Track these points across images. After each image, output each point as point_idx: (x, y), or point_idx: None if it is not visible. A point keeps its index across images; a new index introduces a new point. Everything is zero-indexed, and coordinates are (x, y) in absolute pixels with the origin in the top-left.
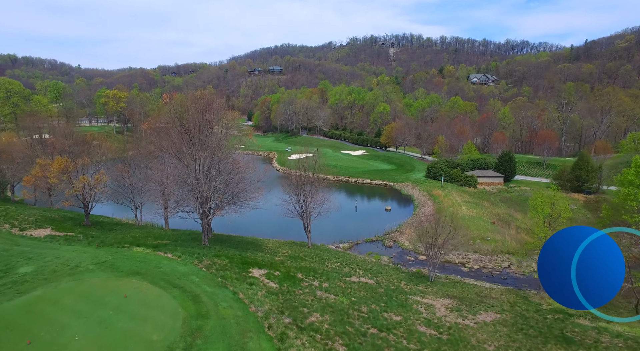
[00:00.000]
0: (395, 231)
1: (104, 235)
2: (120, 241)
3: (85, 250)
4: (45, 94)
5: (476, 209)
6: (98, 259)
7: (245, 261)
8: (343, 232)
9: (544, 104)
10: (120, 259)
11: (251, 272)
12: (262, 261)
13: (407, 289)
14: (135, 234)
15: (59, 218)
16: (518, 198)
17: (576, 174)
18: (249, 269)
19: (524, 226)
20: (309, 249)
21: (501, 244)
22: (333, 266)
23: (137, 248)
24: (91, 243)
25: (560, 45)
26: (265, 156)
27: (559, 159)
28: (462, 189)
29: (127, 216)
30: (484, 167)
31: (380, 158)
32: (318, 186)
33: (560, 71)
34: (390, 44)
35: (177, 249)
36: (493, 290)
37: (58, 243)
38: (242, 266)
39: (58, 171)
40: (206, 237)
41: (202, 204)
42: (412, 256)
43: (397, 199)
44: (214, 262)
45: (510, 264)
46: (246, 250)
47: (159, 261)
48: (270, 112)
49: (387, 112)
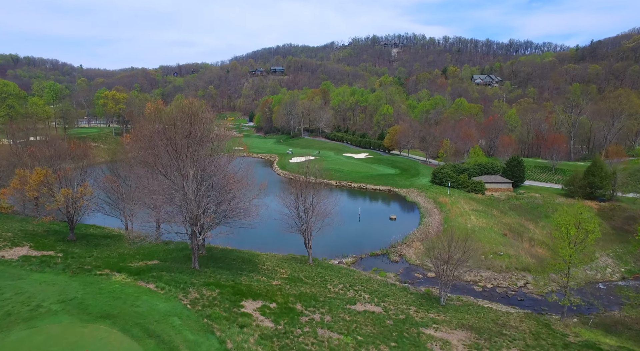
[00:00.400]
0: (402, 244)
1: (87, 253)
2: (102, 264)
3: (56, 280)
4: (41, 96)
5: (485, 218)
6: (66, 295)
7: (237, 290)
8: (346, 243)
9: (551, 106)
10: (93, 294)
11: (244, 306)
12: (257, 289)
13: (417, 318)
14: (123, 251)
15: (42, 232)
16: (528, 206)
17: (589, 180)
18: (242, 302)
19: (538, 237)
20: (309, 267)
21: (515, 260)
22: (336, 290)
23: (116, 276)
24: (66, 269)
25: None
26: (266, 159)
27: (568, 163)
28: (469, 196)
29: (119, 224)
30: (492, 173)
31: (383, 162)
32: (319, 198)
33: (565, 71)
34: (392, 44)
35: (162, 277)
36: (511, 316)
37: (30, 269)
38: (233, 298)
39: (37, 183)
40: (196, 260)
41: (191, 224)
42: (420, 273)
43: (402, 207)
44: (201, 294)
45: (526, 282)
46: (241, 272)
47: (137, 296)
48: (271, 113)
49: (391, 114)
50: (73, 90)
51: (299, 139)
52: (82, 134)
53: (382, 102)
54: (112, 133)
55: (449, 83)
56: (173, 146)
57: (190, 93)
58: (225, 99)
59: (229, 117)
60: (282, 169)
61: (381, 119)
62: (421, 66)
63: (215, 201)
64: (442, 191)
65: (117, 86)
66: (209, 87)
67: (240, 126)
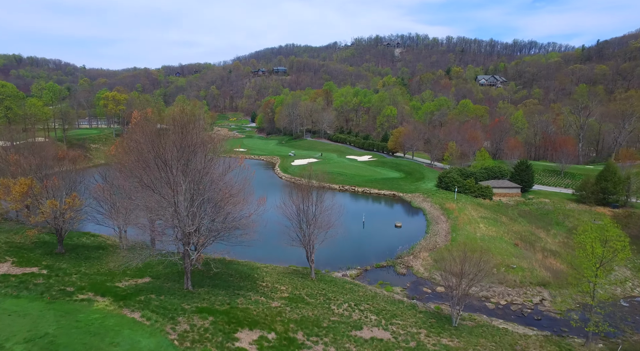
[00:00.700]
0: (408, 255)
1: (75, 268)
2: (86, 285)
3: (29, 309)
4: (40, 97)
5: (495, 226)
6: (37, 330)
7: (233, 317)
8: (350, 253)
9: (559, 107)
10: (67, 329)
11: (239, 338)
12: (255, 314)
13: (430, 344)
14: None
15: (29, 244)
16: (538, 212)
17: (601, 185)
18: (237, 334)
19: (550, 247)
20: (312, 282)
21: (530, 274)
22: (340, 311)
23: (99, 302)
24: (45, 293)
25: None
26: (268, 161)
27: (578, 167)
28: (476, 202)
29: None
30: (499, 177)
31: (387, 165)
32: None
33: (571, 72)
34: (395, 45)
35: (150, 302)
36: (529, 339)
37: (4, 292)
38: (228, 328)
39: (21, 194)
40: (189, 280)
41: (183, 243)
42: (428, 287)
43: (408, 213)
44: (192, 325)
45: (542, 299)
46: (238, 291)
47: (118, 330)
48: (273, 114)
49: (394, 116)
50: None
51: (302, 140)
52: (82, 135)
53: (386, 104)
54: (113, 134)
55: (453, 84)
56: (162, 159)
57: (192, 93)
58: (228, 100)
59: (231, 118)
60: (284, 172)
61: (385, 121)
62: (424, 66)
63: (210, 218)
64: (449, 196)
65: (118, 87)
66: (211, 88)
67: (242, 126)
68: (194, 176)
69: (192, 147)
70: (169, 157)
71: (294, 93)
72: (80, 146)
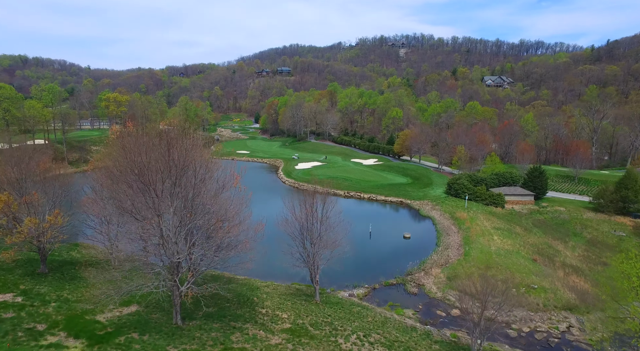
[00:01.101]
0: (419, 271)
1: (55, 293)
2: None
3: None
4: (40, 99)
5: (510, 238)
6: None
7: None
8: (357, 268)
9: (570, 110)
10: None
11: None
12: None
13: None
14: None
15: (10, 262)
16: (553, 221)
17: (622, 194)
18: None
19: (570, 262)
20: (316, 307)
21: (553, 296)
22: (348, 345)
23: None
24: (9, 333)
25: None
26: (271, 164)
27: (592, 172)
28: (488, 210)
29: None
30: (511, 183)
31: (394, 169)
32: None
33: (581, 72)
34: (400, 45)
35: (130, 347)
36: None
37: None
38: None
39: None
40: (178, 314)
41: (171, 273)
42: (442, 310)
43: (417, 222)
44: None
45: (569, 326)
46: (235, 322)
47: None
48: (277, 115)
49: (400, 118)
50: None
51: (306, 142)
52: (83, 137)
53: (391, 105)
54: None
55: (459, 85)
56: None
57: (195, 94)
58: (231, 100)
59: (235, 119)
60: (287, 176)
61: (390, 123)
62: (430, 67)
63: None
64: (459, 203)
65: (120, 88)
66: (214, 88)
67: (245, 127)
68: (183, 198)
69: (181, 166)
70: (153, 178)
71: (297, 94)
72: (80, 148)
